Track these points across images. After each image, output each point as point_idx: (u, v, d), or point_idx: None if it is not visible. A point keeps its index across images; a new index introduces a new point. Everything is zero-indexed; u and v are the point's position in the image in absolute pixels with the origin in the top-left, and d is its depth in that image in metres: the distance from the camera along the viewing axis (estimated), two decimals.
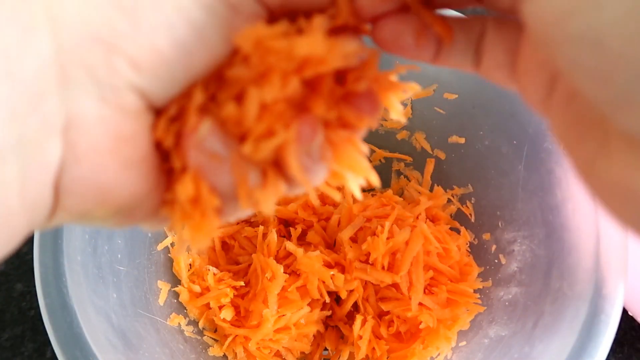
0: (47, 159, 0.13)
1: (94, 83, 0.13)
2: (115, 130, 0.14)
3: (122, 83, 0.13)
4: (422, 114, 0.41)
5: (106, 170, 0.14)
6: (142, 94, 0.14)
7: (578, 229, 0.32)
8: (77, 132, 0.13)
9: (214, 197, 0.15)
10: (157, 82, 0.14)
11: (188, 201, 0.15)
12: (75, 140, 0.13)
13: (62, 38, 0.13)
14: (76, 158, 0.14)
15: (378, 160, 0.45)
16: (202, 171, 0.15)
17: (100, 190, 0.14)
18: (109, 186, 0.14)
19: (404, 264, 0.36)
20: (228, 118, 0.15)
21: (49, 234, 0.30)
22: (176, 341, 0.35)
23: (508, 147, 0.37)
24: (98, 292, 0.31)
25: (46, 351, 0.40)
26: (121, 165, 0.14)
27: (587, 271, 0.30)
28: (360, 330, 0.37)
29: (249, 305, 0.37)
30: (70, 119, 0.13)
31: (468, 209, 0.41)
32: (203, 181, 0.15)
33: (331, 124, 0.15)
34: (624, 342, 0.41)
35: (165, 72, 0.14)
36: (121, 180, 0.14)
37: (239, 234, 0.41)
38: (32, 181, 0.13)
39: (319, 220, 0.41)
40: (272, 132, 0.14)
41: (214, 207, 0.15)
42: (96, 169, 0.14)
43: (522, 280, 0.35)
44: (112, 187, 0.14)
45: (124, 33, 0.13)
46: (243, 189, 0.15)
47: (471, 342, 0.35)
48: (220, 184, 0.15)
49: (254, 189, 0.15)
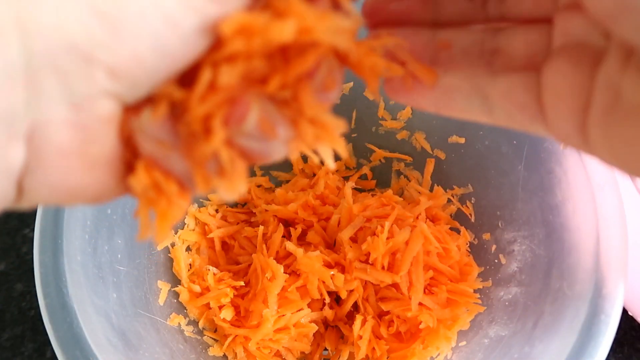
0: (9, 163, 0.13)
1: (66, 90, 0.13)
2: (84, 134, 0.14)
3: (96, 91, 0.13)
4: (422, 114, 0.41)
5: (72, 173, 0.14)
6: (117, 98, 0.14)
7: (578, 229, 0.32)
8: (43, 137, 0.13)
9: (172, 183, 0.15)
10: (134, 86, 0.13)
11: (149, 189, 0.15)
12: (41, 146, 0.13)
13: (33, 44, 0.12)
14: (40, 163, 0.13)
15: (378, 160, 0.45)
16: (155, 160, 0.15)
17: (66, 190, 0.14)
18: (75, 187, 0.14)
19: (404, 264, 0.36)
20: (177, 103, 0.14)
21: (49, 234, 0.30)
22: (176, 341, 0.35)
23: (508, 147, 0.37)
24: (98, 292, 0.31)
25: (46, 351, 0.40)
26: (88, 166, 0.14)
27: (587, 271, 0.30)
28: (360, 330, 0.37)
29: (249, 305, 0.37)
30: (36, 125, 0.13)
31: (468, 209, 0.41)
32: (156, 169, 0.15)
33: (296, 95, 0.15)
34: (624, 342, 0.41)
35: (144, 77, 0.13)
36: (88, 181, 0.14)
37: (239, 234, 0.41)
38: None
39: (319, 220, 0.41)
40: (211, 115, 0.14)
41: (176, 192, 0.15)
42: (62, 172, 0.14)
43: (522, 280, 0.35)
44: (78, 187, 0.14)
45: (102, 42, 0.12)
46: (198, 176, 0.15)
47: (471, 342, 0.35)
48: (176, 170, 0.15)
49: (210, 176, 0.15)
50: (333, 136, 0.15)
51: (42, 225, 0.30)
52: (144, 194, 0.15)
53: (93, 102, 0.13)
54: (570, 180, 0.33)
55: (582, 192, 0.32)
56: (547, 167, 0.34)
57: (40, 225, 0.30)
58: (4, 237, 0.44)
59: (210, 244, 0.41)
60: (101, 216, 0.33)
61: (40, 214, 0.30)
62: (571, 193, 0.32)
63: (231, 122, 0.14)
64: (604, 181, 0.31)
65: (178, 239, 0.39)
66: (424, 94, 0.18)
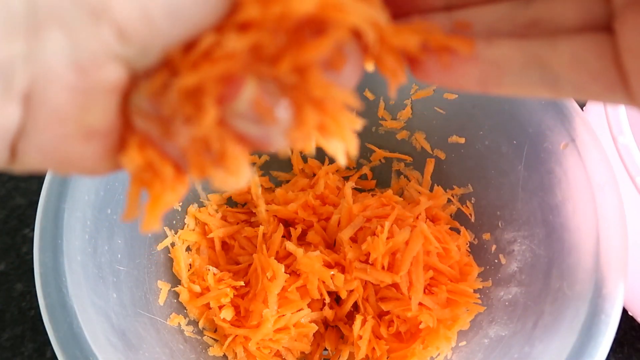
0: (4, 123, 0.12)
1: (70, 48, 0.12)
2: (84, 101, 0.13)
3: (103, 51, 0.12)
4: (422, 114, 0.41)
5: (67, 141, 0.13)
6: (125, 64, 0.13)
7: (578, 229, 0.32)
8: (41, 98, 0.12)
9: (167, 164, 0.14)
10: (143, 52, 0.12)
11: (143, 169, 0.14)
12: (38, 108, 0.12)
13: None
14: (36, 126, 0.13)
15: (378, 160, 0.45)
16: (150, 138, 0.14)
17: (59, 158, 0.13)
18: (68, 155, 0.13)
19: (403, 264, 0.36)
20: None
21: (49, 234, 0.30)
22: (176, 341, 0.35)
23: (508, 147, 0.37)
24: (98, 292, 0.31)
25: (46, 351, 0.40)
26: (84, 136, 0.13)
27: (587, 271, 0.30)
28: (360, 330, 0.37)
29: (249, 305, 0.37)
30: (35, 84, 0.12)
31: (468, 209, 0.41)
32: (151, 148, 0.14)
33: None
34: (624, 342, 0.41)
35: (155, 41, 0.12)
36: (82, 151, 0.13)
37: (239, 234, 0.41)
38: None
39: (319, 220, 0.41)
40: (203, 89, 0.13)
41: (171, 175, 0.14)
42: (56, 138, 0.13)
43: (522, 280, 0.35)
44: (71, 156, 0.13)
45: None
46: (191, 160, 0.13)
47: (471, 342, 0.35)
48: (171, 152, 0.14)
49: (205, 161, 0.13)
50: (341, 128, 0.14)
51: (42, 225, 0.30)
52: (137, 173, 0.14)
53: (99, 66, 0.12)
54: (570, 180, 0.33)
55: (582, 192, 0.32)
56: (547, 167, 0.34)
57: (40, 225, 0.30)
58: (4, 237, 0.44)
59: (210, 244, 0.41)
60: (101, 216, 0.33)
61: (40, 214, 0.30)
62: (571, 193, 0.32)
63: (224, 100, 0.13)
64: (604, 181, 0.31)
65: (178, 239, 0.39)
66: (466, 71, 0.15)
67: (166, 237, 0.38)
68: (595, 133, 0.32)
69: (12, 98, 0.12)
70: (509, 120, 0.36)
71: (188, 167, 0.14)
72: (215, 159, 0.13)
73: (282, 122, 0.13)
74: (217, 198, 0.43)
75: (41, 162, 0.14)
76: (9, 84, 0.12)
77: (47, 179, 0.31)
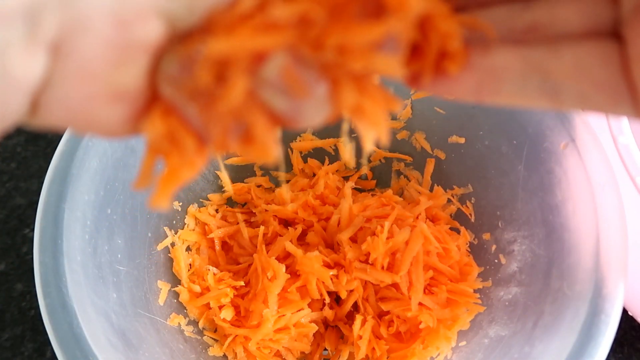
0: (27, 72, 0.11)
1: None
2: (119, 58, 0.12)
3: (149, 4, 0.11)
4: (422, 114, 0.41)
5: (94, 100, 0.12)
6: (168, 21, 0.12)
7: (578, 229, 0.32)
8: (72, 49, 0.11)
9: (189, 136, 0.13)
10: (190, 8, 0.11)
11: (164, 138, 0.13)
12: (67, 59, 0.11)
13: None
14: (63, 80, 0.12)
15: (378, 160, 0.45)
16: (174, 106, 0.13)
17: (83, 117, 0.13)
18: (92, 115, 0.12)
19: (403, 264, 0.36)
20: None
21: (49, 234, 0.30)
22: (176, 341, 0.35)
23: (508, 147, 0.37)
24: (98, 292, 0.31)
25: (46, 351, 0.40)
26: (112, 97, 0.12)
27: (587, 271, 0.30)
28: (360, 330, 0.37)
29: (249, 305, 0.37)
30: (67, 33, 0.11)
31: (468, 209, 0.41)
32: (174, 117, 0.13)
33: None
34: (624, 342, 0.41)
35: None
36: (107, 112, 0.13)
37: (239, 234, 0.41)
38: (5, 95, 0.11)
39: (319, 220, 0.41)
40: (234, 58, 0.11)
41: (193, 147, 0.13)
42: (83, 96, 0.12)
43: (522, 280, 0.35)
44: (96, 117, 0.13)
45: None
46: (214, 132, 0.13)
47: (471, 342, 0.35)
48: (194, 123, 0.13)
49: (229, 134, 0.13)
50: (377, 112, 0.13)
51: (42, 225, 0.30)
52: (156, 141, 0.13)
53: (142, 21, 0.11)
54: (570, 180, 0.33)
55: (582, 192, 0.32)
56: (547, 167, 0.34)
57: (40, 225, 0.30)
58: (4, 237, 0.44)
59: (210, 244, 0.41)
60: (101, 216, 0.33)
61: (40, 214, 0.30)
62: (571, 193, 0.32)
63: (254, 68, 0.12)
64: (604, 181, 0.31)
65: (178, 239, 0.39)
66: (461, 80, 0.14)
67: (166, 237, 0.38)
68: (595, 133, 0.32)
69: (38, 44, 0.11)
70: (509, 120, 0.36)
71: (211, 140, 0.13)
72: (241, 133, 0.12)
73: (316, 97, 0.12)
74: (217, 198, 0.43)
75: (62, 119, 0.13)
76: (36, 28, 0.11)
77: (47, 179, 0.31)
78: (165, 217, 0.39)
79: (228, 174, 0.43)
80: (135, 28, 0.11)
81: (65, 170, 0.31)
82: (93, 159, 0.32)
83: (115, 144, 0.34)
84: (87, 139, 0.32)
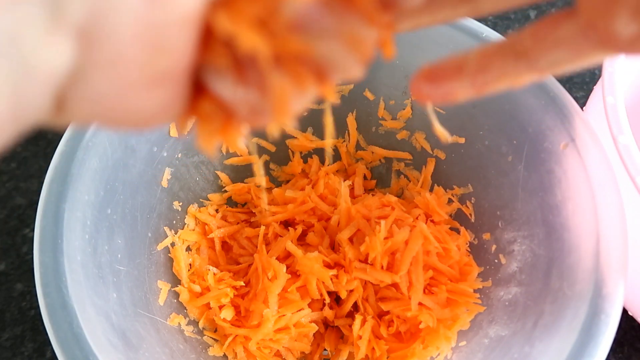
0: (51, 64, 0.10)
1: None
2: (156, 39, 0.10)
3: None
4: (422, 114, 0.41)
5: (130, 89, 0.11)
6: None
7: (578, 229, 0.32)
8: (104, 35, 0.10)
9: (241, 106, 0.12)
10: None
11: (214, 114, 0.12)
12: (99, 47, 0.10)
13: None
14: (94, 70, 0.10)
15: (378, 160, 0.45)
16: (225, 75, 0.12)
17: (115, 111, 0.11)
18: (126, 108, 0.11)
19: (403, 264, 0.36)
20: None
21: (49, 233, 0.30)
22: (176, 341, 0.35)
23: (508, 147, 0.37)
24: (98, 292, 0.31)
25: (46, 351, 0.40)
26: (152, 83, 0.11)
27: (587, 271, 0.30)
28: (360, 330, 0.37)
29: (249, 305, 0.37)
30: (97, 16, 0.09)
31: (468, 209, 0.41)
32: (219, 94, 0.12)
33: None
34: (624, 342, 0.41)
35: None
36: (145, 102, 0.11)
37: (239, 234, 0.41)
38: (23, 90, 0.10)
39: (319, 221, 0.41)
40: None
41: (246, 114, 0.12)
42: (118, 87, 0.11)
43: (522, 280, 0.35)
44: (130, 109, 0.11)
45: None
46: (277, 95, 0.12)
47: (471, 342, 0.35)
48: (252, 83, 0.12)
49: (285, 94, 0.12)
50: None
51: (42, 225, 0.30)
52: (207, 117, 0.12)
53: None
54: (570, 180, 0.33)
55: (582, 192, 0.32)
56: (547, 167, 0.34)
57: (40, 225, 0.30)
58: (4, 237, 0.44)
59: (211, 244, 0.41)
60: (101, 216, 0.33)
61: (40, 214, 0.30)
62: (571, 193, 0.32)
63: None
64: (604, 181, 0.31)
65: (178, 239, 0.39)
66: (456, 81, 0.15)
67: (166, 237, 0.38)
68: (595, 133, 0.32)
69: (62, 30, 0.09)
70: (509, 120, 0.36)
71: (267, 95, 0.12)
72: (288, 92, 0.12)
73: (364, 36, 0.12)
74: (217, 198, 0.43)
75: (90, 114, 0.11)
76: (59, 11, 0.09)
77: (47, 179, 0.31)
78: (165, 217, 0.39)
79: (228, 174, 0.43)
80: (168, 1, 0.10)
81: (65, 170, 0.31)
82: (93, 159, 0.32)
83: (115, 144, 0.34)
84: (87, 139, 0.32)
